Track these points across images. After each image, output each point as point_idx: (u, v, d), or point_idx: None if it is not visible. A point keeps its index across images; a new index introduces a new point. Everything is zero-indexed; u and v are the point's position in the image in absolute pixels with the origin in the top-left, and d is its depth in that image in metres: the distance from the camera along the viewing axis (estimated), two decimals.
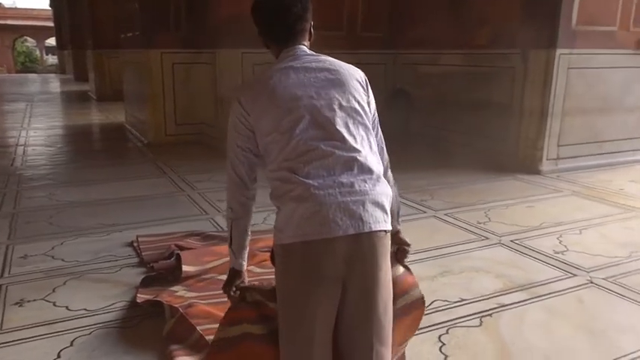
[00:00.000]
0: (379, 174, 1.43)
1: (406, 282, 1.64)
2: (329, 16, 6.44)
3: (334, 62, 1.52)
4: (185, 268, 2.84)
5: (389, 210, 1.43)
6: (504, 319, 2.47)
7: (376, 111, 1.59)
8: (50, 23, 29.43)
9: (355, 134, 1.43)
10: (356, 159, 1.39)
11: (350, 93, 1.47)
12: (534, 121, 5.45)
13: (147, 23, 6.72)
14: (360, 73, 1.57)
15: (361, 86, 1.53)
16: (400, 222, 1.65)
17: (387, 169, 1.60)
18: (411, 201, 4.17)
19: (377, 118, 1.59)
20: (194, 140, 6.99)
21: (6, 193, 4.62)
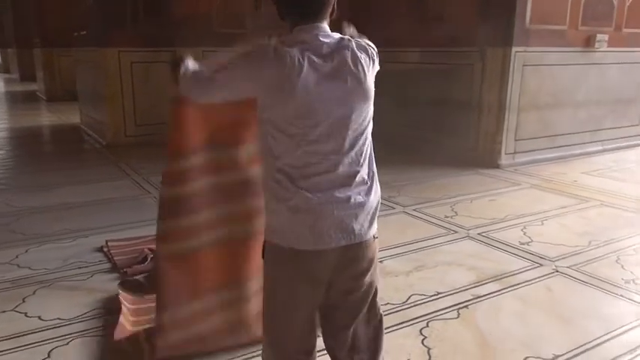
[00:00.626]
0: (373, 177, 1.45)
1: None
2: None
3: (349, 59, 1.37)
4: None
5: (378, 212, 1.48)
6: (480, 310, 2.56)
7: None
8: None
9: (359, 148, 1.40)
10: (356, 173, 1.40)
11: (363, 101, 1.40)
12: (493, 117, 5.64)
13: (102, 20, 6.49)
14: (368, 54, 1.43)
15: (369, 69, 1.42)
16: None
17: None
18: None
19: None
20: (155, 141, 6.76)
21: None
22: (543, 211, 4.14)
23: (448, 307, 2.58)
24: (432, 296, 2.70)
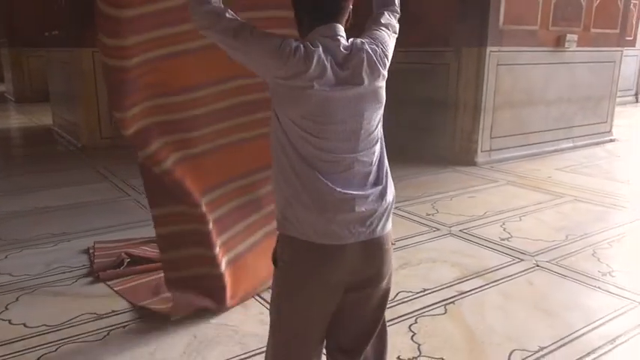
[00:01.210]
0: (387, 175, 1.48)
1: None
2: None
3: (365, 62, 1.40)
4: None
5: (393, 209, 1.49)
6: (466, 305, 2.63)
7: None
8: None
9: (373, 148, 1.44)
10: (370, 172, 1.42)
11: (376, 103, 1.46)
12: (468, 115, 5.76)
13: (76, 20, 6.36)
14: (383, 46, 1.53)
15: (385, 62, 1.51)
16: None
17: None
18: None
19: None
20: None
21: None
22: (520, 207, 4.25)
23: (435, 304, 2.64)
24: (419, 293, 2.75)
